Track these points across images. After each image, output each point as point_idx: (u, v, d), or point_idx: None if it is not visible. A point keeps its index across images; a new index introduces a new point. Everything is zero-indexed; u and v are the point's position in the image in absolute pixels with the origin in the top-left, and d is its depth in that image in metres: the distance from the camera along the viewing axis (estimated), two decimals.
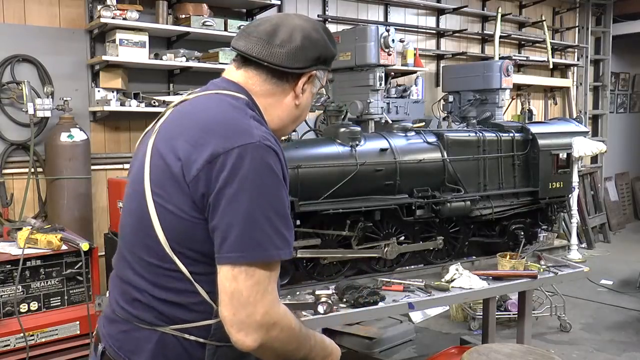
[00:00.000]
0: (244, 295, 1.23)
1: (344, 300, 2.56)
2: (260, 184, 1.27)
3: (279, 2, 4.81)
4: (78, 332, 3.07)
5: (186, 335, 1.34)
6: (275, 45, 1.41)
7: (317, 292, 2.50)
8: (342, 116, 3.88)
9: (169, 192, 1.30)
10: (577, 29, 8.23)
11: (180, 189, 1.28)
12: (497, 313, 4.23)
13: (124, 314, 1.40)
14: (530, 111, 6.66)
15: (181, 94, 4.32)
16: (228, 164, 1.25)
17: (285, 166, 1.39)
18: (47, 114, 3.86)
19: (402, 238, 3.00)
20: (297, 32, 1.44)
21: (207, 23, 4.25)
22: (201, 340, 1.35)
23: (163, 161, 1.33)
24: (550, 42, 7.41)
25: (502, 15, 6.72)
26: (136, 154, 1.50)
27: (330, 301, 2.44)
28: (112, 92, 4.06)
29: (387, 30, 3.94)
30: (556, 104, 8.01)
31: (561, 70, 8.14)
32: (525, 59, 7.13)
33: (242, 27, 1.54)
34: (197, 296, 1.33)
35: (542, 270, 3.13)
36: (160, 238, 1.31)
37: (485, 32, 6.82)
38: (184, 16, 4.28)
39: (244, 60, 1.46)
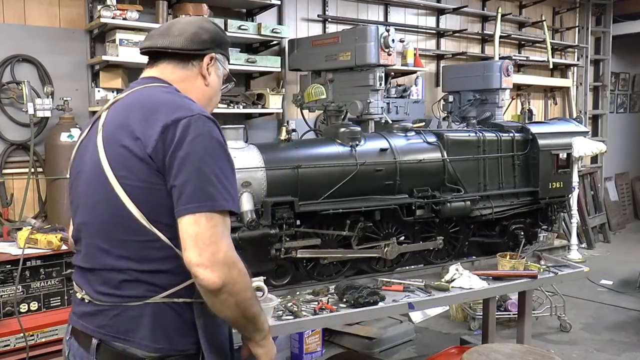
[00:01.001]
0: (206, 236, 1.40)
1: (344, 300, 2.56)
2: (206, 147, 1.47)
3: (279, 2, 4.80)
4: None
5: (175, 299, 1.51)
6: (174, 35, 1.68)
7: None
8: (342, 116, 3.88)
9: (135, 170, 1.47)
10: (577, 29, 8.22)
11: (145, 163, 1.46)
12: (497, 313, 4.24)
13: (112, 299, 1.51)
14: (530, 111, 6.66)
15: None
16: (178, 132, 1.46)
17: (223, 136, 1.55)
18: (47, 114, 3.86)
19: (402, 238, 3.01)
20: (189, 23, 1.73)
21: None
22: (188, 300, 1.52)
23: (121, 147, 1.49)
24: (550, 42, 7.40)
25: (502, 15, 6.72)
26: (80, 158, 1.66)
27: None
28: (112, 92, 4.05)
29: (387, 30, 3.94)
30: (556, 104, 8.01)
31: (561, 70, 8.14)
32: (525, 59, 7.13)
33: (149, 34, 1.77)
34: (178, 259, 1.47)
35: (542, 270, 3.13)
36: (136, 215, 1.47)
37: (485, 32, 6.82)
38: (184, 16, 4.28)
39: (153, 58, 1.72)
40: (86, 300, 1.57)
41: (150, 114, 1.50)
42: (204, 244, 1.40)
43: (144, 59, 1.73)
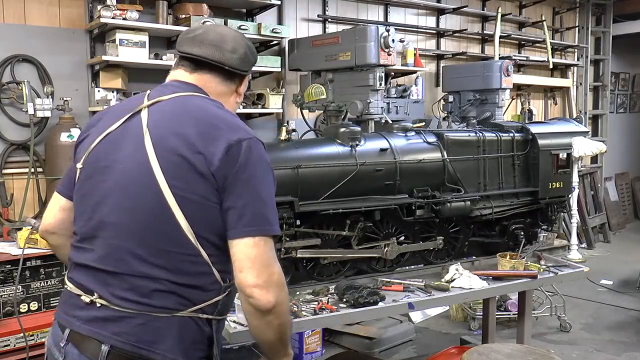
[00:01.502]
0: (264, 258, 1.47)
1: (344, 300, 2.56)
2: (264, 172, 1.53)
3: (279, 2, 4.80)
4: None
5: (200, 315, 1.52)
6: (227, 51, 1.67)
7: None
8: (342, 116, 3.88)
9: (192, 183, 1.46)
10: (577, 29, 8.22)
11: (205, 179, 1.46)
12: (497, 313, 4.23)
13: (138, 307, 1.47)
14: (530, 111, 6.66)
15: None
16: (241, 154, 1.49)
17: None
18: (47, 114, 3.86)
19: (402, 238, 3.01)
20: (240, 40, 1.72)
21: (207, 23, 4.25)
22: (210, 316, 1.55)
23: (179, 156, 1.47)
24: (550, 42, 7.40)
25: (502, 15, 6.72)
26: (109, 151, 1.57)
27: None
28: (112, 92, 4.05)
29: (387, 30, 3.94)
30: (556, 104, 8.01)
31: (561, 70, 8.14)
32: (525, 59, 7.13)
33: (188, 35, 1.73)
34: (212, 276, 1.52)
35: (542, 270, 3.13)
36: (183, 227, 1.46)
37: (485, 32, 6.82)
38: (184, 16, 4.27)
39: (197, 65, 1.70)
40: (98, 305, 1.49)
41: (210, 129, 1.51)
42: (262, 266, 1.46)
43: (145, 59, 1.73)
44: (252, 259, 1.45)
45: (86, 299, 1.52)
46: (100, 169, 1.57)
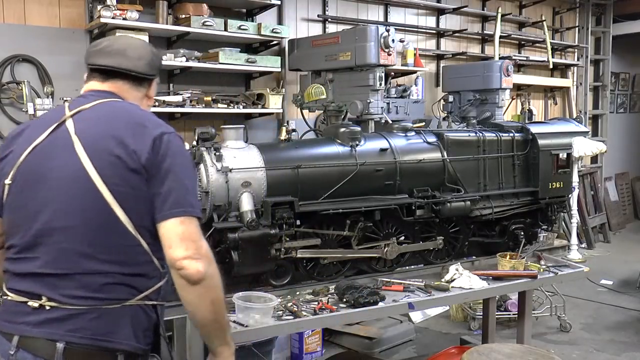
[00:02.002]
0: (191, 234, 1.60)
1: (344, 300, 2.56)
2: (184, 161, 1.69)
3: (279, 2, 4.80)
4: None
5: (147, 302, 1.66)
6: (134, 58, 1.80)
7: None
8: (342, 116, 3.88)
9: (126, 178, 1.59)
10: (577, 29, 8.22)
11: (136, 173, 1.60)
12: (497, 313, 4.23)
13: (91, 302, 1.57)
14: (530, 111, 6.66)
15: (181, 94, 4.33)
16: (162, 145, 1.64)
17: None
18: None
19: (402, 238, 3.00)
20: (144, 48, 1.87)
21: (207, 23, 4.25)
22: (155, 302, 1.69)
23: (113, 156, 1.60)
24: (550, 42, 7.40)
25: (502, 15, 6.72)
26: (38, 163, 1.65)
27: None
28: None
29: (387, 30, 3.94)
30: (556, 104, 8.01)
31: (561, 70, 8.14)
32: (525, 59, 7.12)
33: (95, 48, 1.84)
34: (152, 264, 1.65)
35: (542, 270, 3.13)
36: (123, 220, 1.59)
37: (485, 32, 6.82)
38: (184, 16, 4.27)
39: (108, 75, 1.81)
40: (47, 307, 1.56)
41: (137, 127, 1.66)
42: (190, 241, 1.59)
43: None
44: (179, 235, 1.58)
45: (34, 304, 1.56)
46: (33, 180, 1.64)
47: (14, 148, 1.71)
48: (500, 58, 6.48)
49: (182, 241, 1.58)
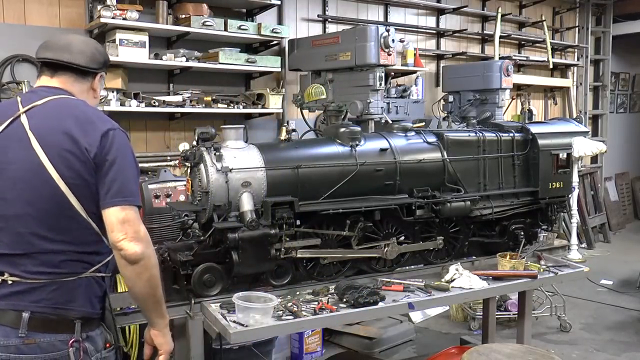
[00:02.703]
0: (131, 219, 1.82)
1: (344, 300, 2.56)
2: (127, 155, 1.88)
3: (279, 2, 4.80)
4: None
5: (98, 274, 1.90)
6: (76, 52, 1.96)
7: None
8: (342, 116, 3.88)
9: (78, 170, 1.80)
10: (577, 29, 8.22)
11: (86, 165, 1.80)
12: (497, 313, 4.23)
13: (51, 276, 1.81)
14: (530, 111, 6.66)
15: (181, 94, 4.33)
16: (108, 139, 1.83)
17: None
18: None
19: (402, 238, 3.00)
20: (87, 44, 2.04)
21: (207, 23, 4.25)
22: (104, 274, 1.94)
23: (66, 152, 1.79)
24: (550, 42, 7.40)
25: (502, 15, 6.72)
26: (4, 153, 1.83)
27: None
28: (112, 92, 4.05)
29: (387, 30, 3.94)
30: (556, 104, 8.01)
31: (561, 70, 8.14)
32: (525, 59, 7.13)
33: (43, 45, 1.99)
34: (102, 243, 1.89)
35: (542, 270, 3.13)
36: (77, 208, 1.81)
37: (485, 32, 6.82)
38: (184, 16, 4.28)
39: (55, 68, 1.96)
40: (10, 282, 1.78)
41: (86, 123, 1.84)
42: (130, 225, 1.81)
43: (145, 59, 1.84)
44: (120, 220, 1.80)
45: None
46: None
47: None
48: (500, 58, 6.48)
49: (122, 226, 1.80)
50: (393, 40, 3.95)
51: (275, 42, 4.84)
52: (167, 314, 2.03)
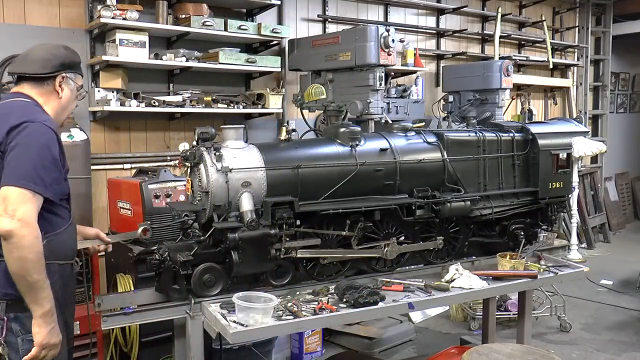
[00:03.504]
0: (11, 198, 1.95)
1: (344, 300, 2.56)
2: (31, 143, 2.03)
3: (279, 2, 4.80)
4: (78, 332, 3.07)
5: (2, 258, 2.02)
6: (29, 62, 2.23)
7: None
8: (342, 116, 3.88)
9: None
10: (577, 29, 8.22)
11: (1, 155, 2.04)
12: (497, 313, 4.23)
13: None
14: (530, 111, 6.66)
15: (181, 94, 4.33)
16: (16, 131, 2.03)
17: (57, 141, 2.11)
18: None
19: (402, 238, 3.00)
20: (41, 51, 2.29)
21: (207, 23, 4.25)
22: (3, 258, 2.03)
23: None
24: (550, 42, 7.40)
25: (502, 15, 6.72)
26: None
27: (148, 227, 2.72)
28: (112, 92, 4.05)
29: (387, 30, 3.94)
30: (556, 104, 8.01)
31: (561, 70, 8.14)
32: (525, 59, 7.12)
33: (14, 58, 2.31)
34: None
35: (542, 270, 3.13)
36: None
37: (485, 32, 6.82)
38: (184, 16, 4.27)
39: (18, 79, 2.26)
40: None
41: (3, 119, 2.06)
42: (8, 204, 1.94)
43: (145, 59, 1.85)
44: (3, 198, 1.95)
45: None
46: None
47: None
48: (500, 58, 6.48)
49: (2, 203, 1.95)
50: (393, 40, 3.95)
51: (275, 42, 4.83)
52: (45, 304, 2.00)
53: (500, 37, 6.69)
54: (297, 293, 2.70)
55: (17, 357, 2.06)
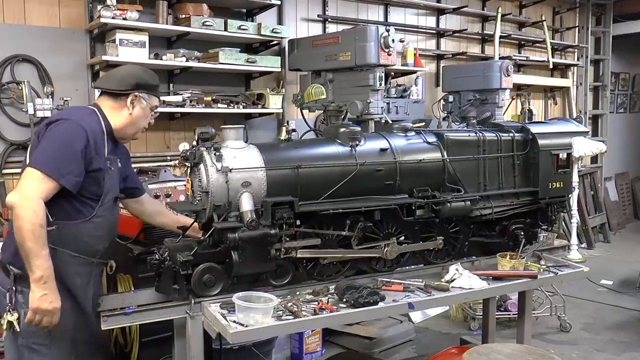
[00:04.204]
0: (25, 178, 2.26)
1: (344, 300, 2.56)
2: (56, 137, 2.31)
3: (279, 2, 4.80)
4: None
5: None
6: (110, 79, 2.57)
7: None
8: (342, 116, 3.88)
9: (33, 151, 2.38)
10: (577, 29, 8.22)
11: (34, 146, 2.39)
12: (497, 313, 4.23)
13: (10, 234, 2.37)
14: (530, 111, 6.67)
15: (181, 94, 4.33)
16: (52, 126, 2.34)
17: (87, 138, 2.34)
18: (47, 114, 3.86)
19: (402, 238, 3.00)
20: (122, 70, 2.62)
21: (207, 23, 4.25)
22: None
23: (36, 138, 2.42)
24: (550, 42, 7.40)
25: (502, 15, 6.72)
26: None
27: None
28: None
29: (387, 30, 3.94)
30: (556, 104, 8.01)
31: (561, 70, 8.14)
32: (525, 59, 7.13)
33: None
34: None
35: (542, 270, 3.13)
36: None
37: (485, 32, 6.82)
38: (184, 16, 4.28)
39: (101, 92, 2.60)
40: None
41: (54, 117, 2.43)
42: (22, 181, 2.25)
43: (145, 59, 1.92)
44: (22, 177, 2.28)
45: None
46: None
47: None
48: (500, 58, 6.48)
49: (19, 181, 2.27)
50: (393, 40, 3.95)
51: (275, 42, 4.84)
52: (37, 271, 2.18)
53: (500, 37, 6.69)
54: (297, 293, 2.70)
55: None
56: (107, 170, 2.43)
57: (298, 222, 2.67)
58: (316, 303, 2.55)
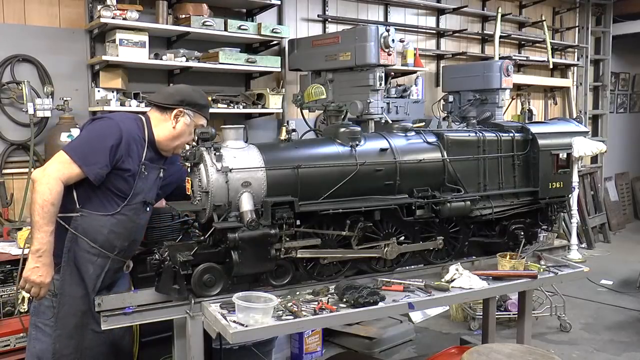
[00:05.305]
0: (54, 158, 2.46)
1: (344, 300, 2.56)
2: (91, 129, 2.56)
3: (279, 2, 4.80)
4: None
5: (61, 222, 2.49)
6: (160, 93, 2.78)
7: None
8: (342, 116, 3.88)
9: None
10: (577, 29, 8.23)
11: None
12: (497, 313, 4.24)
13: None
14: (530, 111, 6.66)
15: None
16: (94, 121, 2.62)
17: (121, 137, 2.50)
18: (47, 114, 3.86)
19: (402, 238, 3.00)
20: (172, 87, 2.88)
21: (207, 23, 4.25)
22: (67, 226, 2.51)
23: None
24: (550, 42, 7.40)
25: (502, 15, 6.72)
26: None
27: None
28: (112, 92, 4.05)
29: (387, 30, 3.94)
30: (556, 104, 8.01)
31: (561, 70, 8.14)
32: (525, 59, 7.13)
33: None
34: (67, 197, 2.52)
35: (542, 270, 3.13)
36: None
37: (485, 32, 6.82)
38: (184, 16, 4.28)
39: (150, 104, 2.83)
40: None
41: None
42: (50, 161, 2.46)
43: (145, 59, 2.00)
44: (52, 158, 2.48)
45: None
46: None
47: None
48: (500, 58, 6.48)
49: (49, 160, 2.49)
50: (393, 40, 3.95)
51: (275, 42, 4.84)
52: (36, 244, 2.34)
53: (500, 37, 6.69)
54: (297, 293, 2.70)
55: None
56: (141, 175, 2.58)
57: (298, 222, 2.67)
58: (316, 303, 2.55)
